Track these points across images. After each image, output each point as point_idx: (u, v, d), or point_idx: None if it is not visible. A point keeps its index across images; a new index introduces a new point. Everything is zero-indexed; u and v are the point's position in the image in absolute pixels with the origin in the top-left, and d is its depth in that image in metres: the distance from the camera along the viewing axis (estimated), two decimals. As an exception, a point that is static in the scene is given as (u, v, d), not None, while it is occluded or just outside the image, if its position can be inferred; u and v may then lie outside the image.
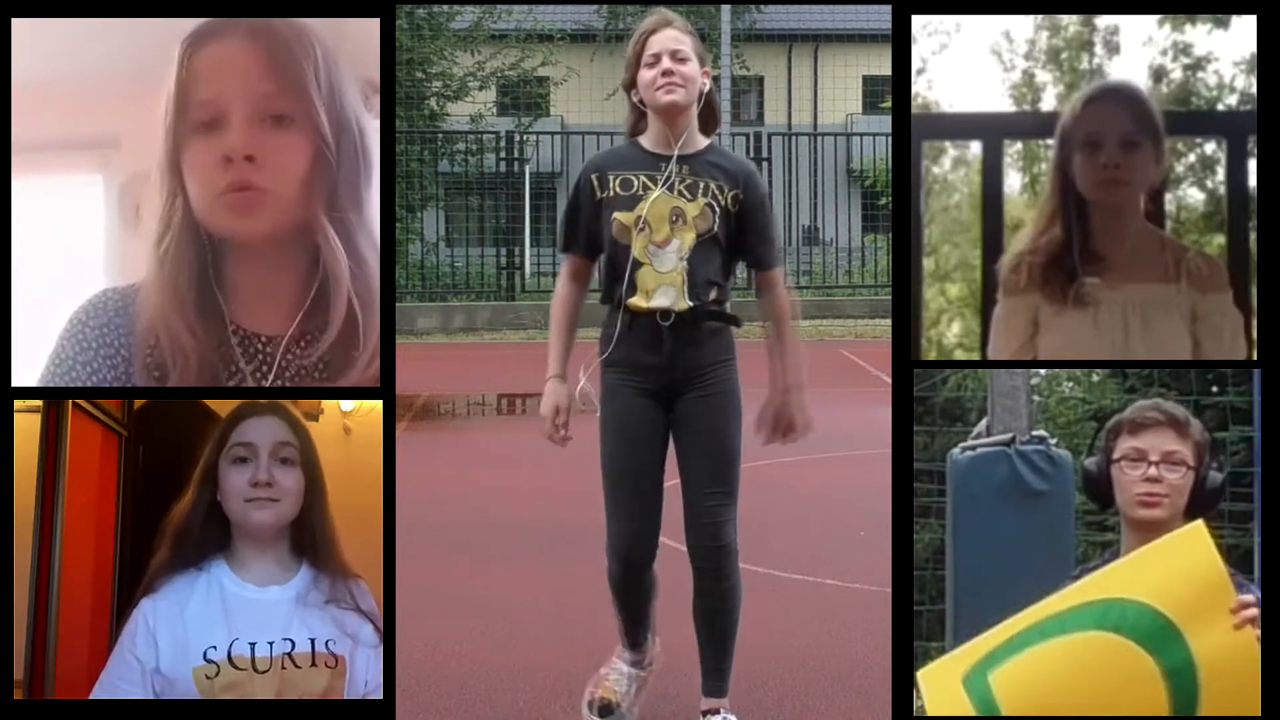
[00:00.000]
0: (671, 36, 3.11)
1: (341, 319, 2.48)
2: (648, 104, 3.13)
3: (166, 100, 2.46)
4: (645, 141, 3.18)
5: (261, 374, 2.52)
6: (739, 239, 3.19)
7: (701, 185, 3.13)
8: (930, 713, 2.40)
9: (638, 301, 3.12)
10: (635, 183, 3.12)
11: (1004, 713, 2.32)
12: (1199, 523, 2.38)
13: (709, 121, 3.22)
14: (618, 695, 3.38)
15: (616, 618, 3.41)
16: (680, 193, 3.12)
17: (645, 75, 3.11)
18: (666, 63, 3.08)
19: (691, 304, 3.11)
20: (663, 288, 3.11)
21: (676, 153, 3.13)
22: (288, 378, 2.54)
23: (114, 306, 2.54)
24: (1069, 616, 2.37)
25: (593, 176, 3.16)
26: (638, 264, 3.11)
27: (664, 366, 3.14)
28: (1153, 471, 2.50)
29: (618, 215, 3.12)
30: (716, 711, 3.30)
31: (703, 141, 3.19)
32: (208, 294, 2.49)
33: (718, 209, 3.13)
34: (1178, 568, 2.34)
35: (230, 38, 2.46)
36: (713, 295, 3.16)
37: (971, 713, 2.34)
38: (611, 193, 3.13)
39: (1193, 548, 2.35)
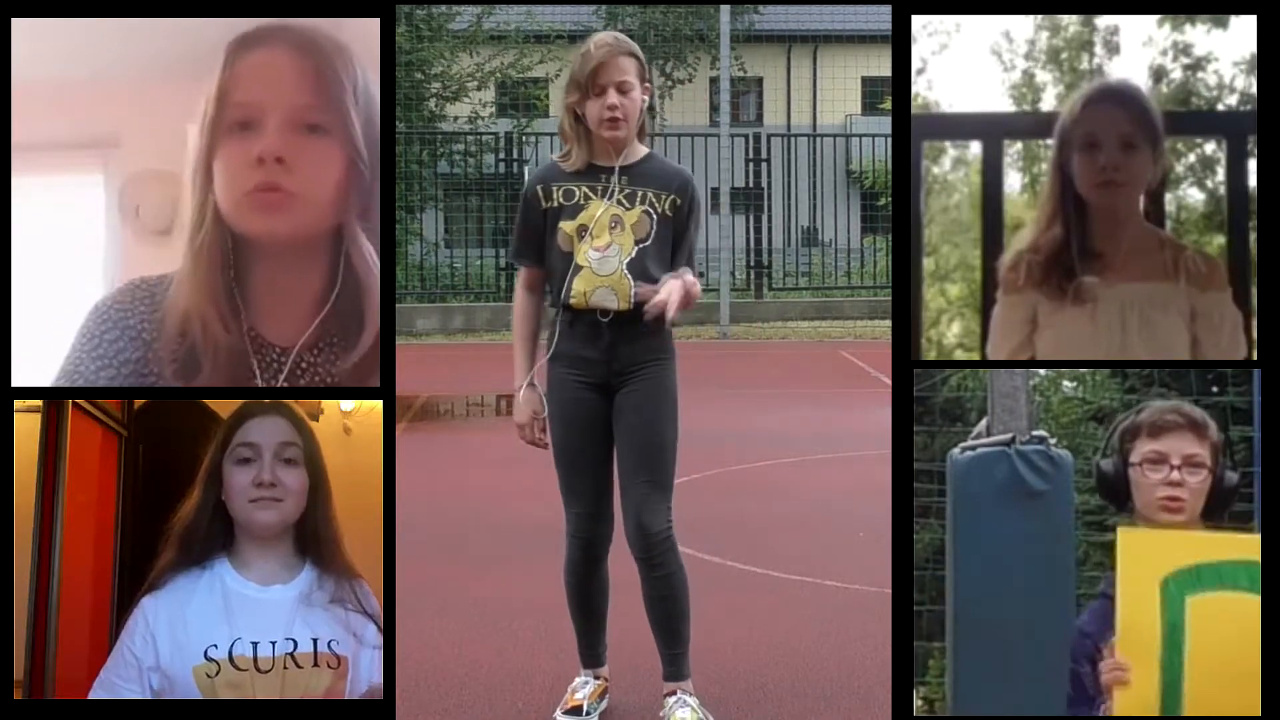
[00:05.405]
0: (617, 67, 3.25)
1: (375, 331, 2.56)
2: (594, 130, 3.29)
3: (207, 100, 2.50)
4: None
5: (275, 381, 2.55)
6: (672, 239, 3.36)
7: (639, 194, 3.32)
8: (1121, 589, 2.35)
9: (578, 301, 3.28)
10: (577, 193, 3.31)
11: (1189, 644, 2.31)
12: None
13: (641, 132, 3.38)
14: (584, 701, 3.52)
15: (575, 629, 3.56)
16: (619, 201, 3.31)
17: (593, 107, 3.25)
18: (613, 97, 3.24)
19: (632, 305, 3.26)
20: (600, 290, 3.27)
21: (618, 165, 3.31)
22: (301, 385, 2.56)
23: (140, 294, 2.59)
24: (1256, 572, 2.36)
25: (537, 188, 3.35)
26: (578, 268, 3.28)
27: (603, 360, 3.32)
28: (1175, 475, 2.48)
29: (562, 224, 3.30)
30: (674, 693, 3.41)
31: (641, 151, 3.37)
32: (230, 295, 2.53)
33: (654, 215, 3.31)
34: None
35: (277, 46, 2.50)
36: None
37: (1158, 618, 2.33)
38: (556, 203, 3.32)
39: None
